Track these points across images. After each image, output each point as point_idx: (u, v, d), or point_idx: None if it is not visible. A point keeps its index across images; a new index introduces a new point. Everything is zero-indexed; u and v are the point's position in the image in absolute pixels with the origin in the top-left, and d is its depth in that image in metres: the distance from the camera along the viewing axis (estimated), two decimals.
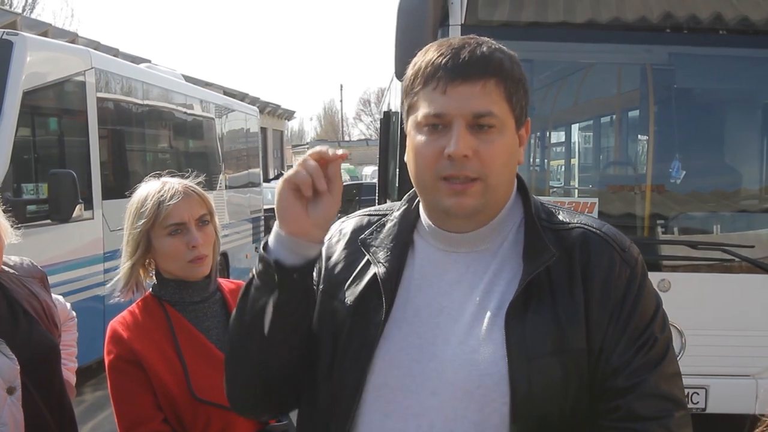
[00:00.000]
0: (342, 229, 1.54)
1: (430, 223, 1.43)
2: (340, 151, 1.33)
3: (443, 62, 1.32)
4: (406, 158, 1.42)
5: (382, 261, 1.42)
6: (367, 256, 1.44)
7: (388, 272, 1.40)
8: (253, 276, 1.38)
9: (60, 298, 2.59)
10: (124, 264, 2.17)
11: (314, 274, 1.50)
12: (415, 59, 1.40)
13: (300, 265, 1.34)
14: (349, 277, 1.44)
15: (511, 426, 1.30)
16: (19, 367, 2.03)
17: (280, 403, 1.52)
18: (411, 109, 1.38)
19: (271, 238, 1.36)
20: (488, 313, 1.35)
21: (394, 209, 1.51)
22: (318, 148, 1.34)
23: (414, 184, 1.42)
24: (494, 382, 1.30)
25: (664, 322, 1.39)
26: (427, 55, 1.36)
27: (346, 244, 1.50)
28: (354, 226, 1.52)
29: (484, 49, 1.34)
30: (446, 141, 1.31)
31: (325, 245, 1.52)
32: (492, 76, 1.32)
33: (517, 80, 1.36)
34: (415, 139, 1.36)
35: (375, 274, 1.41)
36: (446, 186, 1.33)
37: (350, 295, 1.42)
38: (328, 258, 1.50)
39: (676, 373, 1.37)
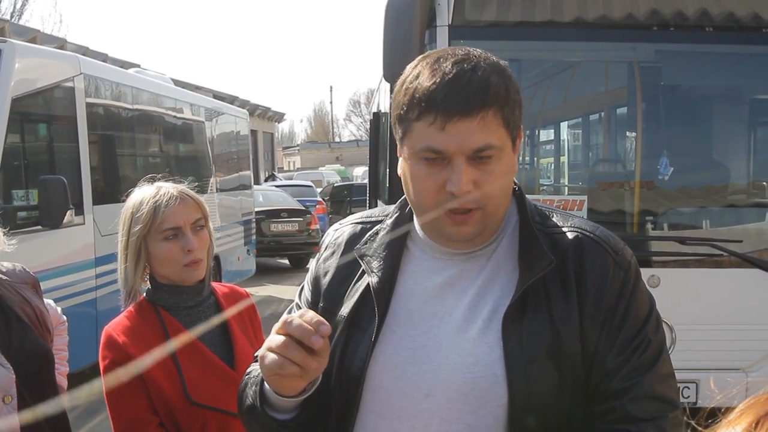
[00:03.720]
0: (336, 239, 1.54)
1: (425, 235, 1.44)
2: (324, 327, 1.22)
3: (439, 95, 1.27)
4: (399, 173, 1.41)
5: (375, 271, 1.43)
6: (362, 266, 1.45)
7: (380, 281, 1.41)
8: (256, 405, 1.39)
9: (51, 302, 2.57)
10: (126, 272, 2.15)
11: (312, 293, 1.53)
12: (405, 77, 1.34)
13: (301, 407, 1.36)
14: (347, 291, 1.46)
15: (507, 428, 1.31)
16: (14, 376, 2.02)
17: None
18: (406, 135, 1.34)
19: (270, 397, 1.36)
20: (482, 317, 1.36)
21: (387, 216, 1.52)
22: (300, 328, 1.21)
23: (412, 207, 1.42)
24: (489, 385, 1.32)
25: (658, 324, 1.39)
26: (420, 78, 1.30)
27: (342, 256, 1.50)
28: (348, 237, 1.53)
29: (480, 74, 1.28)
30: (447, 175, 1.30)
31: (322, 258, 1.54)
32: (490, 106, 1.28)
33: (513, 102, 1.32)
34: (412, 167, 1.34)
35: (368, 284, 1.42)
36: (448, 217, 1.34)
37: (346, 307, 1.44)
38: (326, 274, 1.51)
39: (670, 374, 1.38)
